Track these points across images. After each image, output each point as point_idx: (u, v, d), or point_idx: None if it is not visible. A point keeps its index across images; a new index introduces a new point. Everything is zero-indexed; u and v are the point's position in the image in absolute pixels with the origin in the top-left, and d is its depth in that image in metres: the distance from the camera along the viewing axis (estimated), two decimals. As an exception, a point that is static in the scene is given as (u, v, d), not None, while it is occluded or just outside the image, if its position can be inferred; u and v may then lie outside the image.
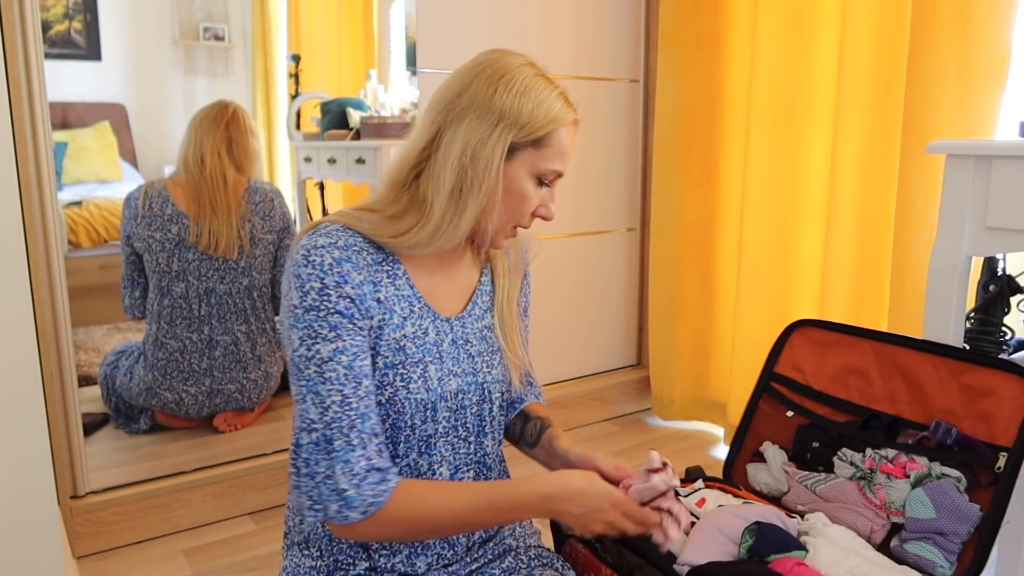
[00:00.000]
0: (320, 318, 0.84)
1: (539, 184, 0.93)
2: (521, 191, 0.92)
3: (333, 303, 0.84)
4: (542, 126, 0.90)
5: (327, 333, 0.84)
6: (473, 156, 0.88)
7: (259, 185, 2.18)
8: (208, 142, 2.10)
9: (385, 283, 0.90)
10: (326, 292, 0.84)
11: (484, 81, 0.90)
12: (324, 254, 0.85)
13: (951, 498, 1.01)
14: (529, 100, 0.89)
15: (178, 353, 2.09)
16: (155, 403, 2.12)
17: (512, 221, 0.94)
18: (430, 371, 0.92)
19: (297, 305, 0.84)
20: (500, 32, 2.22)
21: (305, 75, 3.48)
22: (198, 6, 3.76)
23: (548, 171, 0.92)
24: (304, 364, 0.84)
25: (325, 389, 0.84)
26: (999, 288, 1.28)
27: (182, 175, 2.10)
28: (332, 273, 0.85)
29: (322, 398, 0.83)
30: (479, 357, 0.99)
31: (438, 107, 0.92)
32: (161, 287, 2.08)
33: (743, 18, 2.20)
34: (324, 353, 0.84)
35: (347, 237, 0.88)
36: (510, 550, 1.02)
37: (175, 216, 2.06)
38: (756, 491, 1.23)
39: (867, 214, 1.90)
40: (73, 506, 1.72)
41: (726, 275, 2.37)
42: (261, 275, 2.17)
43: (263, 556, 1.76)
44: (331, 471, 0.83)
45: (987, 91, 1.59)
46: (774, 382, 1.30)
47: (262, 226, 2.15)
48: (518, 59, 0.92)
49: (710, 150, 2.33)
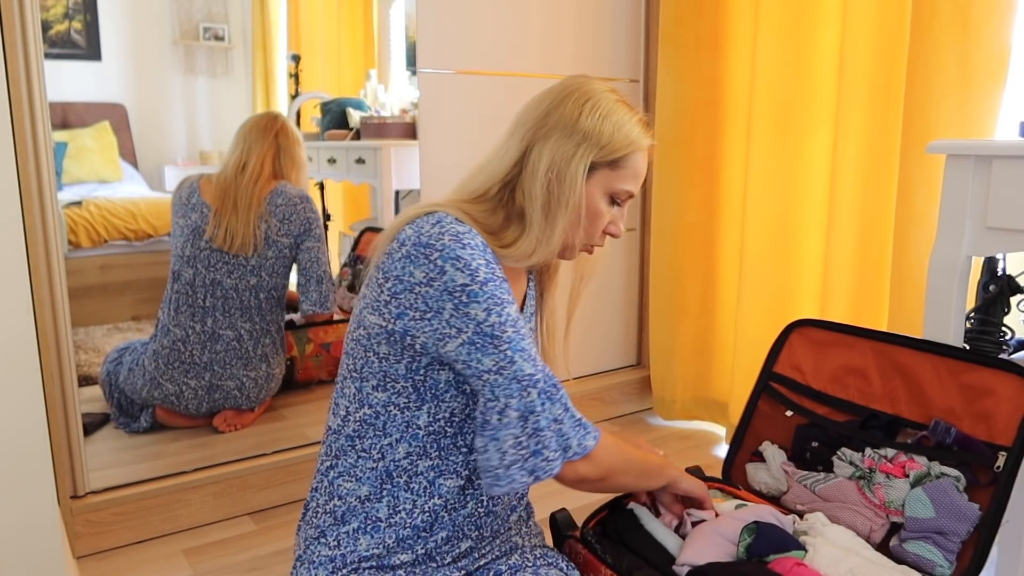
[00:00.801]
0: (498, 286, 0.90)
1: (612, 203, 1.00)
2: (596, 209, 0.99)
3: (499, 274, 0.91)
4: (620, 148, 0.97)
5: (507, 297, 0.90)
6: (559, 173, 0.95)
7: (285, 189, 2.18)
8: (256, 150, 2.17)
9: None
10: (491, 266, 0.90)
11: (572, 103, 0.97)
12: (472, 236, 0.91)
13: (950, 497, 1.01)
14: (610, 123, 0.96)
15: (180, 342, 2.11)
16: (157, 395, 2.13)
17: (588, 238, 1.02)
18: None
19: (469, 283, 0.88)
20: (500, 32, 2.22)
21: (305, 75, 3.48)
22: (198, 6, 3.77)
23: (622, 191, 1.00)
24: (500, 330, 0.89)
25: (527, 344, 0.91)
26: (999, 288, 1.28)
27: (218, 174, 2.17)
28: (486, 252, 0.91)
29: (528, 352, 0.90)
30: None
31: (527, 124, 0.99)
32: (174, 271, 2.14)
33: (743, 18, 2.20)
34: (513, 314, 0.90)
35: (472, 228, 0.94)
36: (516, 548, 1.03)
37: (197, 205, 2.12)
38: (755, 491, 1.23)
39: (867, 214, 1.90)
40: (73, 506, 1.72)
41: (727, 274, 2.37)
42: (271, 277, 2.17)
43: (263, 556, 1.76)
44: (566, 407, 0.93)
45: (987, 91, 1.59)
46: (773, 382, 1.30)
47: (278, 228, 2.15)
48: (603, 86, 1.00)
49: (711, 150, 2.33)
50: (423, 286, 0.88)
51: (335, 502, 0.97)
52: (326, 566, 0.95)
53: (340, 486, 0.97)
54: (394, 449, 0.95)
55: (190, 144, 3.18)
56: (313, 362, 2.50)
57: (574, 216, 0.97)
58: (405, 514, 0.95)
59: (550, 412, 0.91)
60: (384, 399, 0.94)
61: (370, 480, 0.95)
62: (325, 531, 0.97)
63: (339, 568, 0.95)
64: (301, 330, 2.47)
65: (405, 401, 0.94)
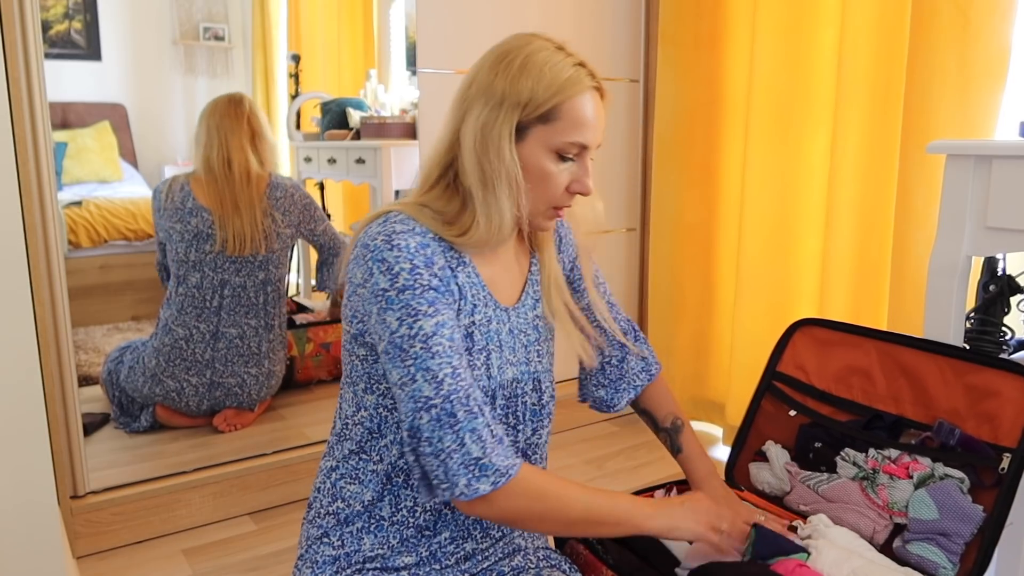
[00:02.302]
0: (417, 295, 0.84)
1: (561, 159, 0.91)
2: (541, 170, 0.90)
3: (426, 280, 0.85)
4: (545, 100, 0.88)
5: (426, 308, 0.84)
6: (484, 145, 0.88)
7: (280, 180, 2.20)
8: (234, 140, 2.11)
9: (456, 270, 0.92)
10: (417, 271, 0.85)
11: (489, 66, 0.91)
12: (407, 238, 0.86)
13: (954, 499, 1.01)
14: (528, 77, 0.88)
15: (183, 341, 2.11)
16: (158, 391, 2.13)
17: (545, 202, 0.93)
18: (492, 359, 0.94)
19: (387, 289, 0.84)
20: (500, 32, 2.21)
21: (305, 75, 3.48)
22: (198, 6, 3.76)
23: (567, 144, 0.90)
24: (408, 343, 0.83)
25: (435, 363, 0.83)
26: (999, 288, 1.28)
27: (203, 174, 2.12)
28: (419, 255, 0.86)
29: (434, 373, 0.83)
30: (531, 347, 1.01)
31: (455, 101, 0.93)
32: (178, 276, 2.12)
33: (743, 18, 2.20)
34: (428, 328, 0.84)
35: (419, 226, 0.89)
36: (520, 549, 1.03)
37: (195, 209, 2.09)
38: (758, 491, 1.23)
39: (867, 214, 1.90)
40: (73, 506, 1.72)
41: (725, 275, 2.37)
42: (277, 269, 2.20)
43: (263, 556, 1.75)
44: (460, 442, 0.82)
45: (987, 91, 1.59)
46: (777, 381, 1.30)
47: (282, 220, 2.17)
48: (523, 39, 0.91)
49: (710, 150, 2.33)
50: (361, 287, 0.87)
51: (339, 503, 0.97)
52: (331, 566, 0.95)
53: (343, 488, 0.97)
54: (389, 450, 0.94)
55: (190, 144, 3.17)
56: (313, 362, 2.49)
57: (515, 185, 0.89)
58: (407, 512, 0.95)
59: (439, 442, 0.82)
60: (374, 401, 0.93)
61: (372, 483, 0.95)
62: (328, 531, 0.96)
63: (343, 568, 0.94)
64: (301, 330, 2.47)
65: (391, 402, 0.92)
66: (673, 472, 1.21)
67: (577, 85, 0.89)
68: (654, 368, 1.19)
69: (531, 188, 0.91)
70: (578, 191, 0.93)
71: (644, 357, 1.18)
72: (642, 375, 1.17)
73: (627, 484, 2.11)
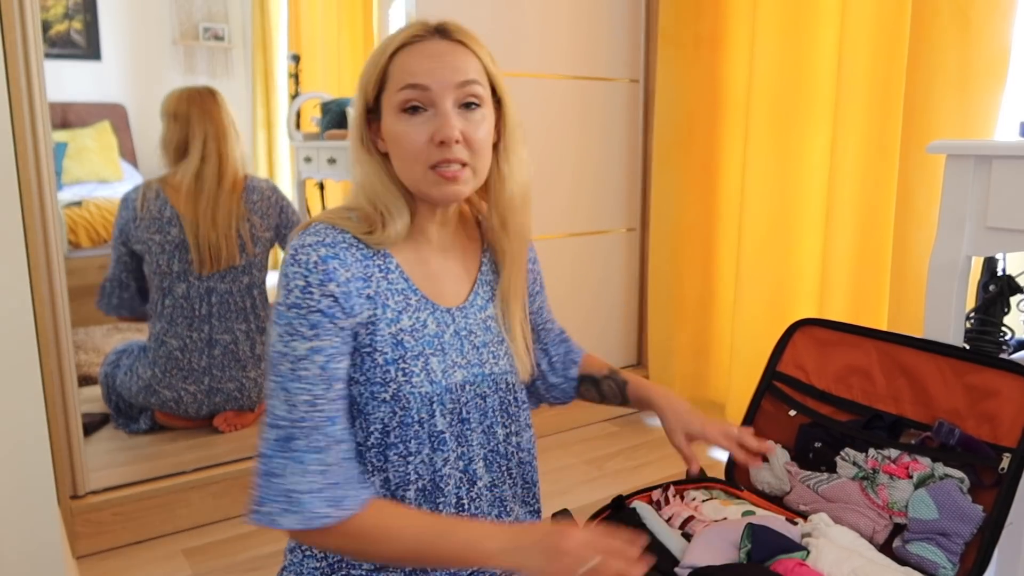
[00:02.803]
0: (300, 316, 0.83)
1: (410, 114, 0.87)
2: (394, 133, 0.88)
3: (315, 301, 0.83)
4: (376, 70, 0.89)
5: (306, 331, 0.83)
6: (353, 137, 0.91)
7: (256, 183, 2.15)
8: (210, 139, 2.03)
9: (377, 278, 0.89)
10: (309, 290, 0.83)
11: None
12: (310, 252, 0.85)
13: (954, 499, 1.01)
14: (369, 62, 0.90)
15: (178, 351, 2.09)
16: (154, 401, 2.12)
17: (417, 163, 0.87)
18: (432, 364, 0.91)
19: (281, 302, 0.84)
20: (499, 32, 2.22)
21: (305, 75, 3.48)
22: (198, 6, 3.76)
23: (403, 96, 0.86)
24: (279, 360, 0.84)
25: (295, 387, 0.83)
26: (999, 288, 1.28)
27: (177, 177, 2.05)
28: (316, 271, 0.84)
29: (291, 395, 0.83)
30: (484, 348, 0.97)
31: None
32: (163, 288, 2.07)
33: (743, 18, 2.21)
34: (300, 351, 0.83)
35: (335, 234, 0.87)
36: None
37: (174, 218, 2.03)
38: (758, 491, 1.23)
39: (867, 214, 1.90)
40: (73, 506, 1.72)
41: (725, 275, 2.37)
42: (261, 272, 2.18)
43: (263, 556, 1.75)
44: (285, 470, 0.82)
45: (987, 91, 1.59)
46: (777, 381, 1.30)
47: (261, 224, 2.13)
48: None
49: (710, 150, 2.33)
50: None
51: None
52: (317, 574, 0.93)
53: None
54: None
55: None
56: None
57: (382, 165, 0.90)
58: None
59: (271, 460, 0.82)
60: None
61: None
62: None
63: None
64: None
65: (349, 422, 0.90)
66: (673, 472, 1.21)
67: (397, 39, 0.88)
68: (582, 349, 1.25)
69: (397, 156, 0.89)
70: (439, 139, 0.86)
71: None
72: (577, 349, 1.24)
73: (627, 484, 2.12)
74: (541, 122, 2.35)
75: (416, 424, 0.90)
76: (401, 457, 0.90)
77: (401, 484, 0.91)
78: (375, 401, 0.89)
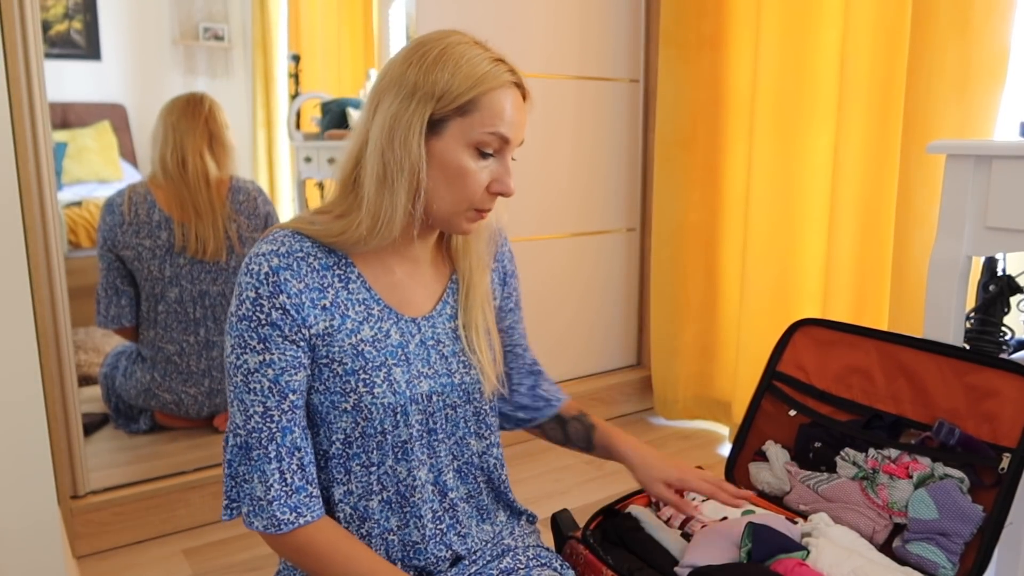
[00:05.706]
0: (251, 328, 0.83)
1: (481, 156, 0.86)
2: (459, 166, 0.85)
3: (265, 314, 0.83)
4: (463, 92, 0.84)
5: (256, 344, 0.83)
6: (390, 136, 0.84)
7: (241, 184, 2.14)
8: (189, 141, 2.02)
9: (335, 287, 0.88)
10: (259, 302, 0.83)
11: (400, 60, 0.87)
12: (263, 262, 0.84)
13: (954, 499, 1.01)
14: (444, 69, 0.84)
15: (176, 356, 2.08)
16: (154, 404, 2.12)
17: (465, 202, 0.87)
18: (395, 374, 0.89)
19: (233, 312, 0.84)
20: (500, 32, 2.22)
21: (305, 75, 3.48)
22: (198, 6, 3.76)
23: (486, 138, 0.85)
24: (232, 371, 0.85)
25: (249, 399, 0.84)
26: (999, 288, 1.28)
27: (161, 177, 2.04)
28: (267, 283, 0.83)
29: (245, 406, 0.84)
30: (454, 357, 0.95)
31: (367, 97, 0.89)
32: (155, 293, 2.05)
33: (745, 18, 2.20)
34: (251, 364, 0.84)
35: (293, 243, 0.86)
36: (509, 550, 1.01)
37: (163, 221, 2.02)
38: (758, 490, 1.23)
39: (868, 214, 1.90)
40: (73, 506, 1.72)
41: (729, 274, 2.37)
42: None
43: (263, 556, 1.75)
44: (249, 477, 0.85)
45: (987, 91, 1.59)
46: (777, 381, 1.30)
47: (248, 225, 2.12)
48: (441, 33, 0.88)
49: (713, 150, 2.33)
50: None
51: None
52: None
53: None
54: (356, 475, 0.91)
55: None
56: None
57: (415, 181, 0.84)
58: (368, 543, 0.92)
59: (238, 466, 0.85)
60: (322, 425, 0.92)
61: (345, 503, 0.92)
62: None
63: None
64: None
65: (313, 429, 0.90)
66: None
67: (497, 79, 0.85)
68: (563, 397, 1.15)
69: (446, 186, 0.86)
70: (499, 191, 0.88)
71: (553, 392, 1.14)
72: (559, 396, 1.14)
73: (626, 484, 2.11)
74: (541, 122, 2.35)
75: (379, 435, 0.89)
76: (363, 467, 0.90)
77: (364, 494, 0.90)
78: (336, 411, 0.88)
